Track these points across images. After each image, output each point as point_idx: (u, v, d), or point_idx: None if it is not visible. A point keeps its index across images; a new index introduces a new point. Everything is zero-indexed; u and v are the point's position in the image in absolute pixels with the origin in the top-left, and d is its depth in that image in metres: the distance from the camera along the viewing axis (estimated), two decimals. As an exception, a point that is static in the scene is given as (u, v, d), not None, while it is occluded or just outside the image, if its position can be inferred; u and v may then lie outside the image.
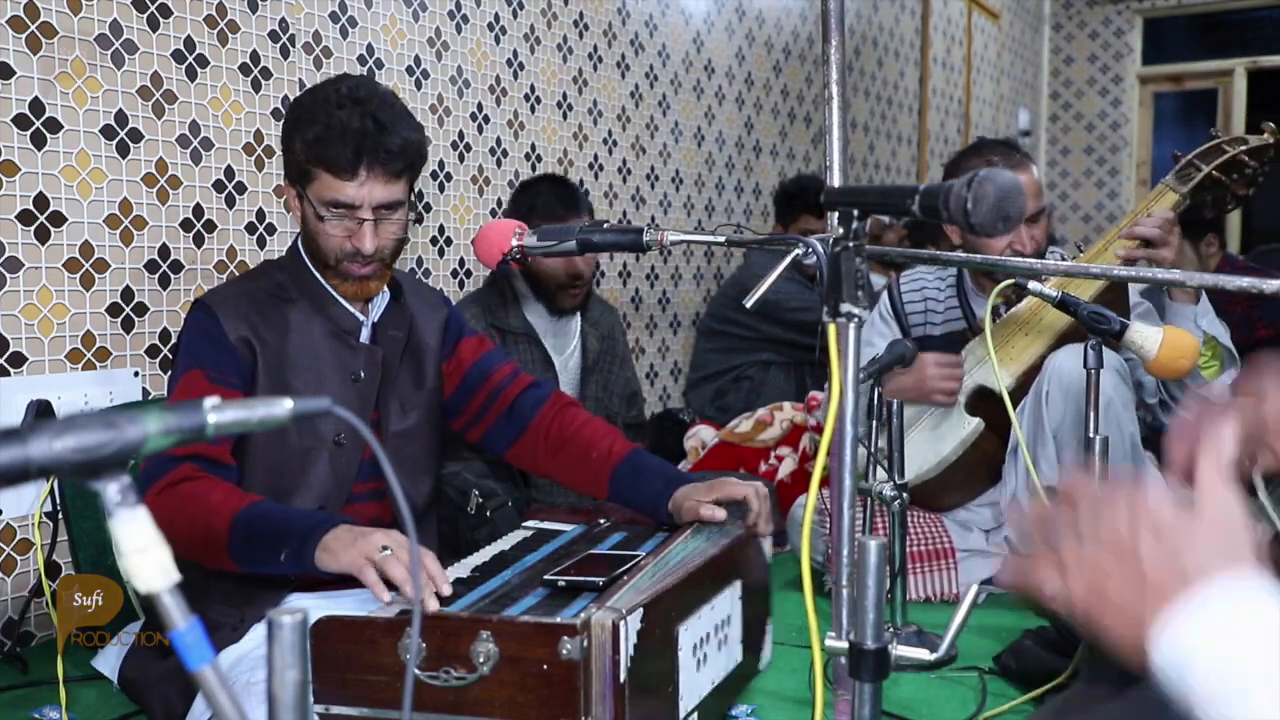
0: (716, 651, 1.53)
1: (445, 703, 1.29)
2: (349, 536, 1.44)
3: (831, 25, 1.29)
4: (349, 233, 1.68)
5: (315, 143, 1.64)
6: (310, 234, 1.73)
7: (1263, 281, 1.37)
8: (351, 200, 1.66)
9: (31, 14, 2.05)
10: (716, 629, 1.53)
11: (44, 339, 2.10)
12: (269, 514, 1.52)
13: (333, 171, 1.65)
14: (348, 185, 1.65)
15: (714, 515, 1.69)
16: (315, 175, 1.67)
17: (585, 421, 1.90)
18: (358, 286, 1.74)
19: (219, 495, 1.54)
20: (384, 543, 1.41)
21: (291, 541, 1.46)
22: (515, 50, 3.27)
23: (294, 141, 1.69)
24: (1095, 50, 7.98)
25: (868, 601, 1.02)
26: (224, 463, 1.63)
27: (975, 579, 2.32)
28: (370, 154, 1.64)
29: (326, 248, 1.71)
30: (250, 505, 1.52)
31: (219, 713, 0.65)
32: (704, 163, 4.22)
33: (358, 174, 1.64)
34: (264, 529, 1.50)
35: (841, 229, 1.07)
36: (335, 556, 1.43)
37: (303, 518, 1.52)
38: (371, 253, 1.68)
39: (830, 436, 1.07)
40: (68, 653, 1.61)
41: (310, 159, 1.66)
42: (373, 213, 1.67)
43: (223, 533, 1.49)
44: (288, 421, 0.71)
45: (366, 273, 1.72)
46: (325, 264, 1.73)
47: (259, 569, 1.53)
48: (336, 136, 1.63)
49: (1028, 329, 2.38)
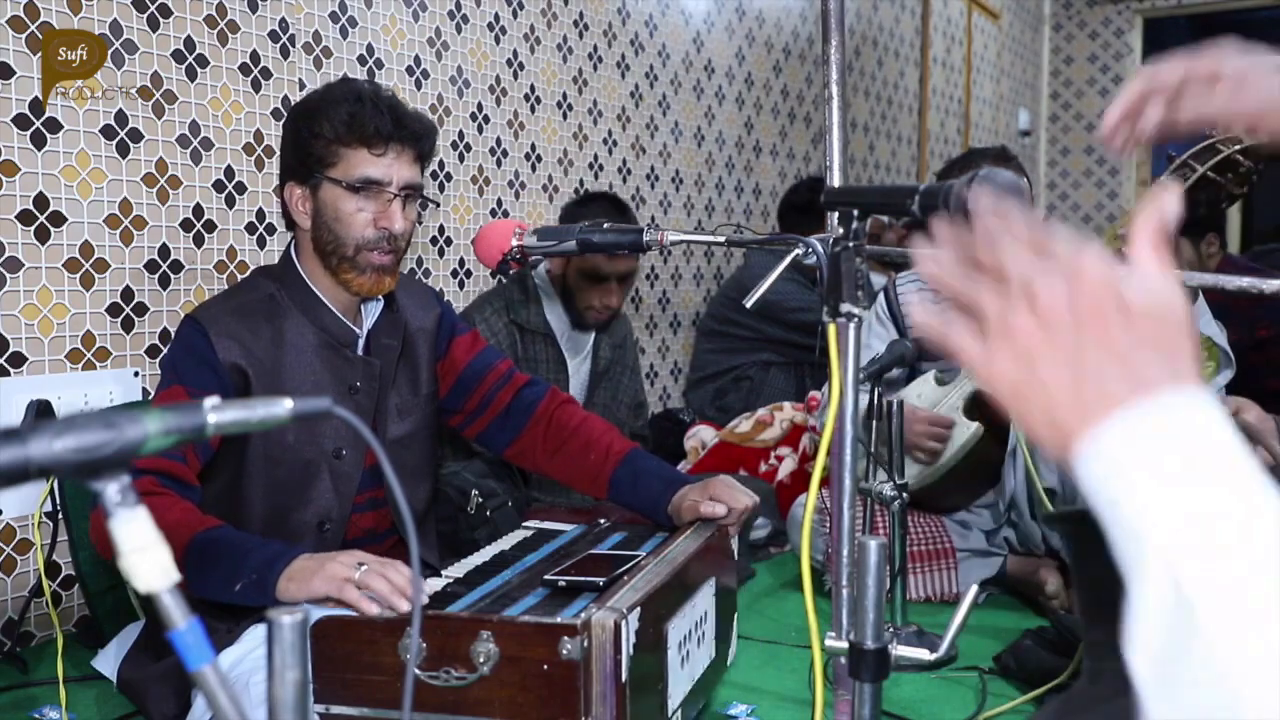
0: (696, 648, 1.54)
1: (445, 703, 1.29)
2: (314, 564, 1.40)
3: (831, 25, 1.29)
4: (377, 214, 1.69)
5: (349, 119, 1.66)
6: (328, 224, 1.70)
7: (1263, 281, 1.38)
8: (382, 177, 1.68)
9: (31, 14, 2.05)
10: (696, 626, 1.54)
11: (44, 339, 2.10)
12: (228, 540, 1.47)
13: (367, 145, 1.67)
14: (380, 160, 1.68)
15: (714, 511, 1.69)
16: (342, 156, 1.68)
17: (583, 419, 1.90)
18: (374, 279, 1.72)
19: (177, 514, 1.49)
20: (358, 559, 1.38)
21: (247, 572, 1.42)
22: (515, 50, 3.27)
23: (317, 127, 1.68)
24: (1095, 50, 7.98)
25: (868, 601, 1.02)
26: (188, 482, 1.59)
27: (975, 579, 2.32)
28: (400, 130, 1.68)
29: (348, 236, 1.69)
30: (208, 529, 1.48)
31: (219, 713, 0.65)
32: (704, 163, 4.22)
33: (389, 149, 1.68)
34: (221, 555, 1.45)
35: (841, 229, 1.07)
36: (305, 584, 1.38)
37: (261, 547, 1.47)
38: (400, 233, 1.70)
39: (830, 436, 1.07)
40: (68, 653, 1.61)
41: (340, 138, 1.67)
42: (399, 191, 1.70)
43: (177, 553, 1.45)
44: (287, 421, 0.71)
45: (386, 262, 1.71)
46: (342, 256, 1.70)
47: (210, 596, 1.46)
48: (371, 111, 1.67)
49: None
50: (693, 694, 1.52)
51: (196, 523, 1.50)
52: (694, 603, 1.53)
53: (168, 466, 1.56)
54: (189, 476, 1.60)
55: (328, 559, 1.41)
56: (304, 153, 1.70)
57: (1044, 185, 8.05)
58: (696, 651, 1.54)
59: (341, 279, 1.73)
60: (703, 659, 1.58)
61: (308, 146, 1.70)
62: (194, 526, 1.48)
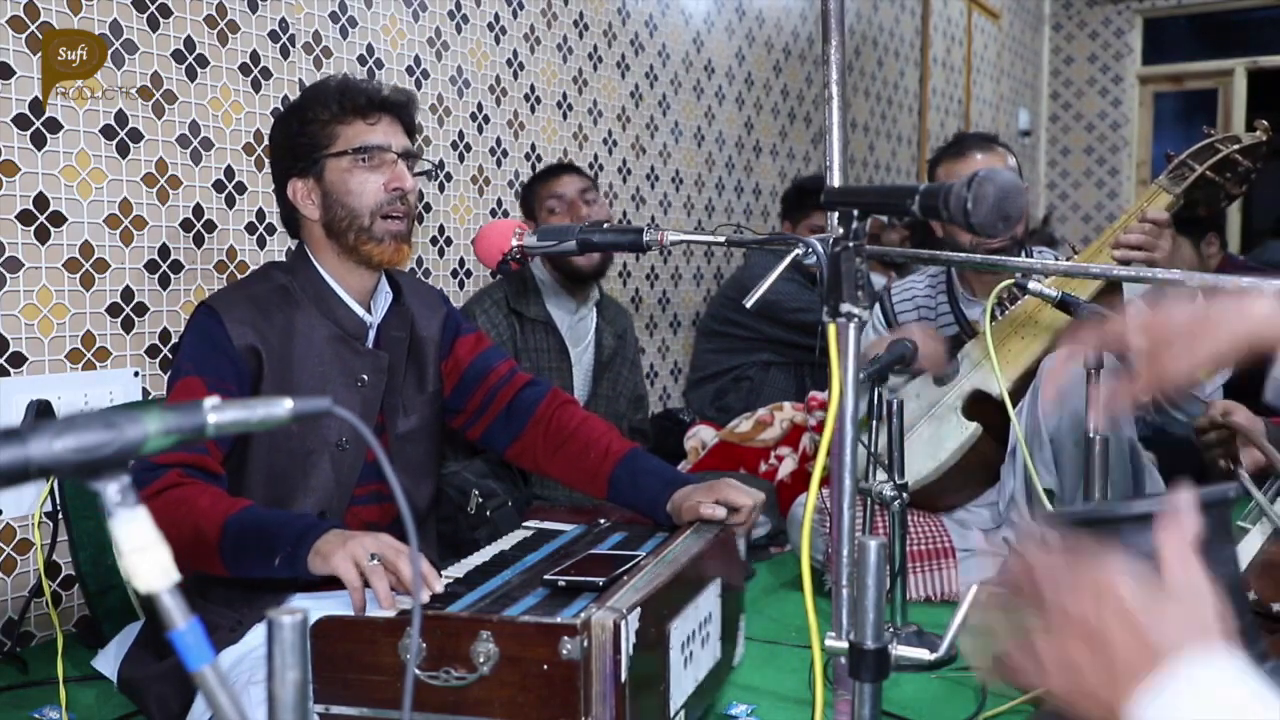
0: (700, 649, 1.54)
1: (445, 703, 1.29)
2: (338, 540, 1.44)
3: (831, 25, 1.29)
4: (386, 179, 1.74)
5: (340, 96, 1.73)
6: (340, 200, 1.73)
7: (1263, 281, 1.38)
8: (382, 142, 1.74)
9: (31, 14, 2.05)
10: (700, 626, 1.54)
11: (44, 339, 2.10)
12: (260, 519, 1.51)
13: (362, 115, 1.74)
14: (376, 128, 1.75)
15: (715, 514, 1.70)
16: (339, 133, 1.74)
17: (583, 419, 1.91)
18: (393, 247, 1.75)
19: (208, 500, 1.52)
20: (373, 548, 1.41)
21: (284, 546, 1.46)
22: (515, 50, 3.27)
23: (309, 114, 1.74)
24: (1095, 50, 7.98)
25: (868, 601, 1.02)
26: (213, 471, 1.61)
27: (975, 579, 2.32)
28: (384, 100, 1.77)
29: (361, 205, 1.73)
30: (241, 510, 1.51)
31: (219, 713, 0.65)
32: (704, 163, 4.22)
33: (381, 119, 1.75)
34: (256, 534, 1.49)
35: (841, 229, 1.07)
36: (326, 560, 1.43)
37: (294, 522, 1.51)
38: (410, 190, 1.75)
39: (830, 436, 1.07)
40: (67, 653, 1.61)
41: (335, 116, 1.73)
42: (400, 154, 1.76)
43: (213, 538, 1.48)
44: (287, 421, 0.71)
45: (401, 229, 1.75)
46: (360, 229, 1.73)
47: (250, 574, 1.51)
48: (358, 87, 1.75)
49: (1023, 332, 2.38)
50: (696, 695, 1.52)
51: (228, 507, 1.52)
52: (698, 603, 1.53)
53: (192, 459, 1.58)
54: (213, 466, 1.61)
55: (350, 538, 1.44)
56: (300, 144, 1.74)
57: (1044, 185, 8.05)
58: (700, 652, 1.54)
59: (361, 253, 1.75)
60: (707, 660, 1.57)
61: (302, 137, 1.74)
62: (226, 511, 1.51)
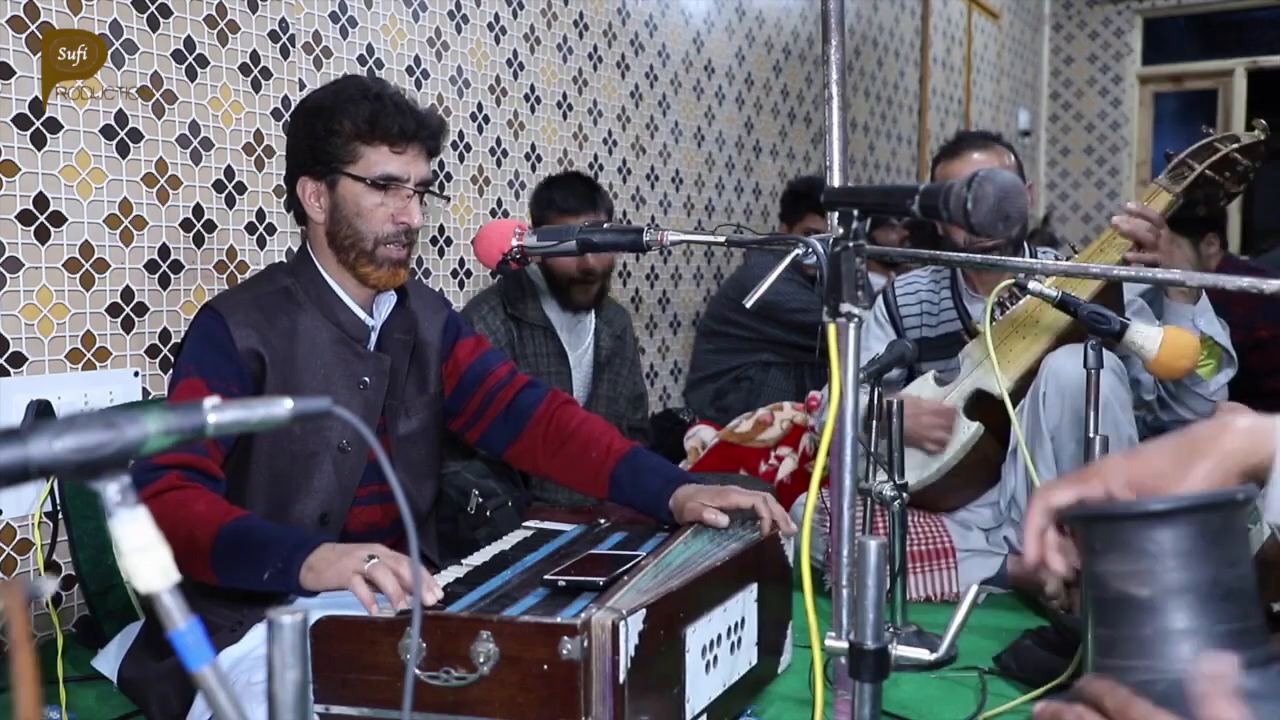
0: (729, 654, 1.52)
1: (445, 703, 1.29)
2: (333, 555, 1.42)
3: (831, 25, 1.29)
4: (396, 210, 1.72)
5: (371, 118, 1.69)
6: (348, 219, 1.72)
7: (1263, 281, 1.37)
8: (402, 174, 1.72)
9: (31, 14, 2.05)
10: (730, 631, 1.52)
11: (44, 339, 2.10)
12: (255, 529, 1.49)
13: (389, 143, 1.70)
14: (400, 158, 1.72)
15: (716, 520, 1.68)
16: (363, 154, 1.71)
17: (583, 420, 1.90)
18: (390, 272, 1.74)
19: (204, 506, 1.51)
20: (370, 553, 1.40)
21: (275, 560, 1.44)
22: (515, 50, 3.27)
23: (335, 124, 1.70)
24: (1095, 50, 7.98)
25: (868, 601, 1.02)
26: (212, 474, 1.60)
27: (975, 579, 2.32)
28: (420, 129, 1.73)
29: (368, 230, 1.72)
30: (236, 519, 1.50)
31: (219, 713, 0.65)
32: (704, 163, 4.22)
33: (409, 148, 1.72)
34: (249, 544, 1.47)
35: (841, 229, 1.07)
36: (320, 575, 1.41)
37: (287, 536, 1.49)
38: (416, 227, 1.74)
39: (830, 436, 1.07)
40: (67, 653, 1.61)
41: (361, 135, 1.70)
42: (416, 188, 1.74)
43: (206, 545, 1.47)
44: (287, 422, 0.71)
45: (402, 256, 1.75)
46: (361, 251, 1.72)
47: (240, 584, 1.49)
48: (392, 111, 1.70)
49: (1024, 331, 2.38)
50: (723, 700, 1.50)
51: (223, 514, 1.51)
52: (726, 607, 1.51)
53: (191, 460, 1.57)
54: (213, 469, 1.61)
55: (345, 551, 1.43)
56: (320, 149, 1.72)
57: (1044, 185, 8.05)
58: (729, 658, 1.52)
59: (359, 273, 1.75)
60: (739, 666, 1.56)
61: (325, 143, 1.71)
62: (221, 518, 1.49)
